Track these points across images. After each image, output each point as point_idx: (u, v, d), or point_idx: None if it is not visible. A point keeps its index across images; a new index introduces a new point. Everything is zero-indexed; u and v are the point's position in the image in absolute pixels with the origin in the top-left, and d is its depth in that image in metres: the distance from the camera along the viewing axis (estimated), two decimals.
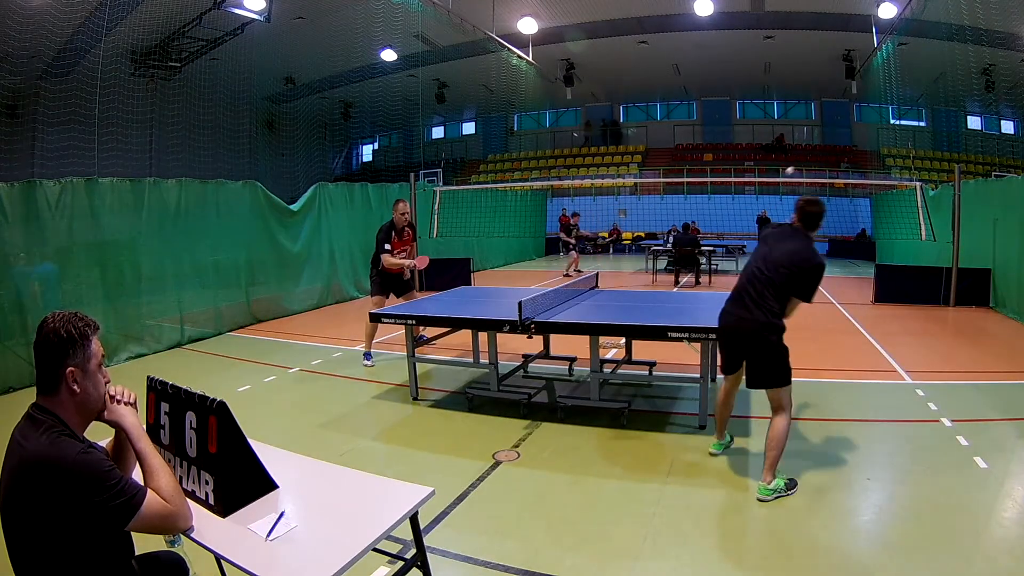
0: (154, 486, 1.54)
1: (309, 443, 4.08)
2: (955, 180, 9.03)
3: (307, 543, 1.58)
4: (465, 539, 2.88)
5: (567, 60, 21.46)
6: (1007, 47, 15.37)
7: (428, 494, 1.81)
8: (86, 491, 1.41)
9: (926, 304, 9.02)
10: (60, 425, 1.48)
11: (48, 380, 1.52)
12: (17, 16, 11.43)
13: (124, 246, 6.70)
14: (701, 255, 12.65)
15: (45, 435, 1.44)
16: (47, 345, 1.51)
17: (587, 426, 4.30)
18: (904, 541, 2.80)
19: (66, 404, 1.52)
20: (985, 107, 20.72)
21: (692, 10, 17.34)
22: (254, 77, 19.02)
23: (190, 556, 1.86)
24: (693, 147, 24.86)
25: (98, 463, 1.46)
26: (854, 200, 20.51)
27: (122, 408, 1.64)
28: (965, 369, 5.69)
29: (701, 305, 5.30)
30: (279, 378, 5.82)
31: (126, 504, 1.45)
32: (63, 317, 1.54)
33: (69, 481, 1.40)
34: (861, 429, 4.19)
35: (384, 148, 30.23)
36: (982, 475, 3.42)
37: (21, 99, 14.23)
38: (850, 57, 19.06)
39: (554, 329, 4.46)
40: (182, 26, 16.38)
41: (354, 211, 10.80)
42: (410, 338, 4.91)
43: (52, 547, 1.42)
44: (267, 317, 8.61)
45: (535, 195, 20.55)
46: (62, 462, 1.41)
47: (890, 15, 15.52)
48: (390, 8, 15.89)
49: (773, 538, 2.87)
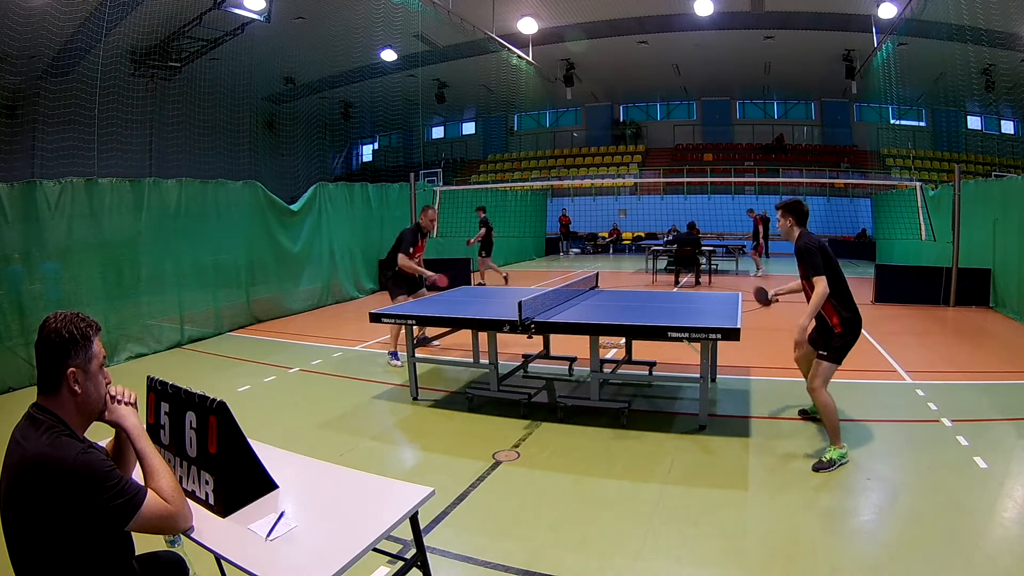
0: (154, 486, 1.54)
1: (309, 443, 4.07)
2: (955, 180, 9.03)
3: (307, 543, 1.58)
4: (465, 539, 2.88)
5: (567, 60, 21.47)
6: (1007, 47, 15.37)
7: (428, 494, 1.81)
8: (86, 491, 1.41)
9: (926, 304, 9.03)
10: (60, 425, 1.48)
11: (49, 380, 1.51)
12: (17, 16, 11.42)
13: (124, 246, 6.70)
14: (701, 255, 12.65)
15: (45, 435, 1.44)
16: (49, 345, 1.50)
17: (587, 426, 4.30)
18: (904, 541, 2.80)
19: (67, 404, 1.52)
20: (985, 107, 20.73)
21: (692, 10, 17.35)
22: (254, 77, 19.03)
23: (190, 556, 1.86)
24: (693, 147, 24.86)
25: (98, 463, 1.45)
26: (854, 200, 20.53)
27: (123, 408, 1.64)
28: (965, 369, 5.69)
29: (701, 305, 5.32)
30: (279, 378, 5.82)
31: (126, 504, 1.45)
32: (65, 317, 1.53)
33: (69, 481, 1.40)
34: (861, 429, 4.18)
35: (384, 148, 30.23)
36: (982, 475, 3.42)
37: (21, 99, 14.21)
38: (850, 57, 19.06)
39: (554, 329, 4.46)
40: (182, 26, 16.38)
41: (354, 211, 10.81)
42: (410, 338, 4.91)
43: (52, 547, 1.41)
44: (267, 317, 8.61)
45: (535, 195, 20.56)
46: (62, 462, 1.40)
47: (890, 15, 15.53)
48: (390, 8, 15.89)
49: (773, 538, 2.87)
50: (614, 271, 15.55)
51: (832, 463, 3.52)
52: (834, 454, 3.56)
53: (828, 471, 3.49)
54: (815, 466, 3.54)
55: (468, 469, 3.64)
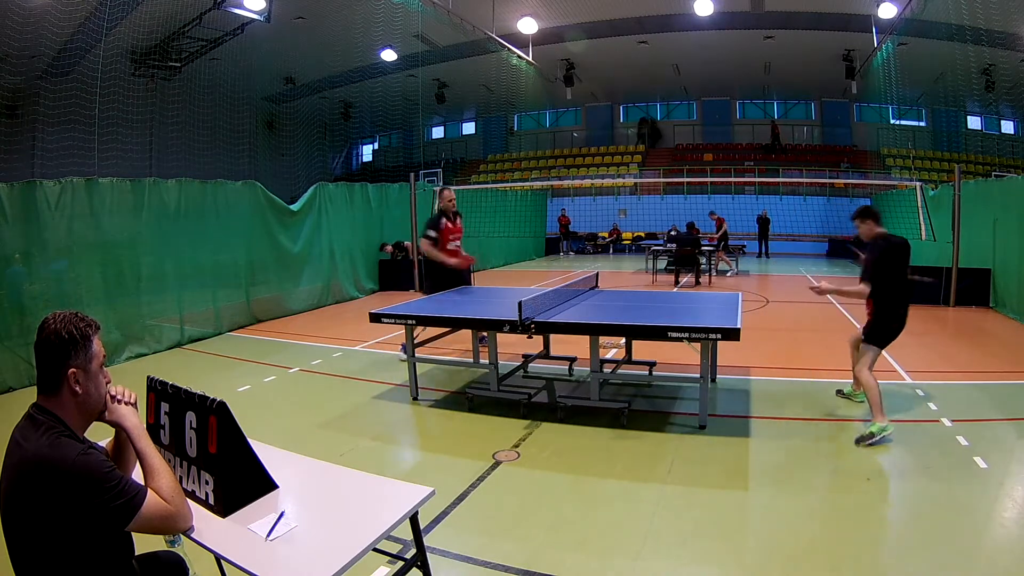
0: (154, 486, 1.54)
1: (309, 443, 4.07)
2: (955, 180, 9.03)
3: (307, 543, 1.58)
4: (465, 539, 2.88)
5: (567, 60, 21.46)
6: (1007, 47, 15.37)
7: (428, 494, 1.81)
8: (86, 492, 1.40)
9: (926, 304, 9.02)
10: (60, 426, 1.48)
11: (49, 380, 1.50)
12: (17, 16, 11.43)
13: (124, 246, 6.71)
14: (701, 255, 12.65)
15: (45, 436, 1.44)
16: (49, 346, 1.50)
17: (587, 426, 4.30)
18: (904, 541, 2.80)
19: (67, 405, 1.51)
20: (985, 107, 20.73)
21: (692, 10, 17.35)
22: (254, 77, 19.04)
23: (190, 556, 1.86)
24: (693, 147, 24.86)
25: (98, 464, 1.45)
26: (854, 200, 20.49)
27: (123, 408, 1.63)
28: (965, 369, 5.69)
29: (701, 305, 5.32)
30: (279, 378, 5.82)
31: (126, 505, 1.45)
32: (64, 317, 1.53)
33: (69, 482, 1.39)
34: (861, 429, 4.18)
35: (384, 148, 30.23)
36: (982, 475, 3.42)
37: (21, 99, 14.22)
38: (850, 57, 19.06)
39: (554, 329, 4.46)
40: (182, 26, 16.38)
41: (354, 211, 10.81)
42: (410, 338, 4.90)
43: (52, 547, 1.41)
44: (267, 317, 8.61)
45: (535, 195, 20.56)
46: (62, 463, 1.40)
47: (890, 15, 15.53)
48: (390, 8, 15.90)
49: (773, 538, 2.87)
50: (614, 271, 15.55)
51: (872, 436, 3.81)
52: (874, 428, 3.84)
53: (869, 444, 3.80)
54: (857, 439, 3.85)
55: (468, 469, 3.64)
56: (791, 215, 19.94)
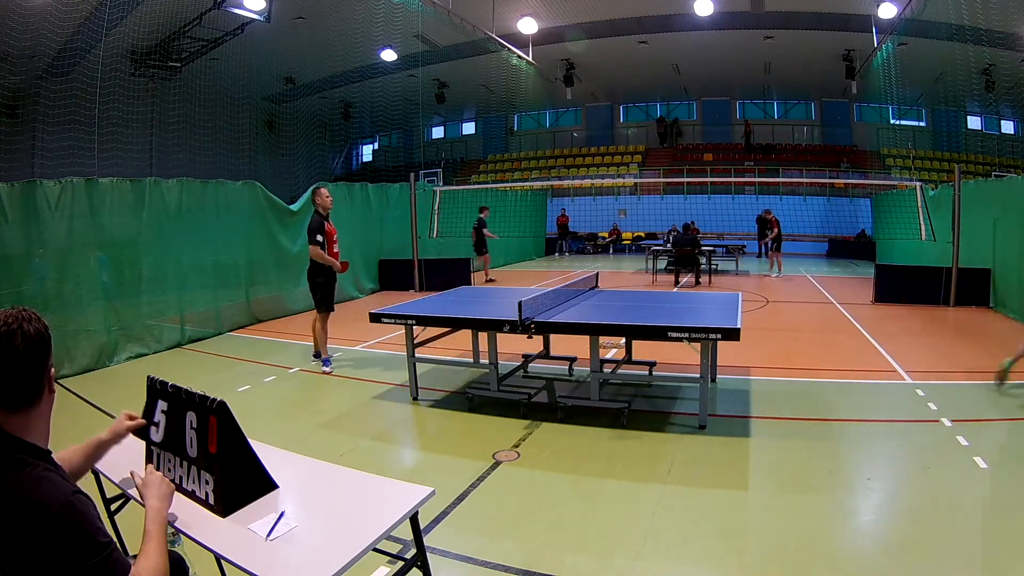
0: (140, 566, 1.34)
1: (309, 443, 4.08)
2: (955, 180, 9.03)
3: (307, 543, 1.58)
4: (465, 539, 2.89)
5: (567, 60, 21.45)
6: (1007, 47, 15.36)
7: (428, 494, 1.81)
8: (66, 547, 1.18)
9: (926, 304, 9.03)
10: (36, 453, 1.29)
11: (29, 389, 1.31)
12: (17, 16, 11.43)
13: (124, 246, 6.71)
14: (701, 255, 12.65)
15: (24, 471, 1.24)
16: (34, 348, 1.31)
17: (587, 426, 4.30)
18: (904, 541, 2.80)
19: (43, 412, 1.35)
20: (985, 107, 20.72)
21: (692, 10, 17.34)
22: (254, 77, 19.02)
23: (190, 556, 1.86)
24: (693, 147, 24.86)
25: (89, 519, 1.24)
26: (854, 200, 20.53)
27: (154, 488, 1.57)
28: (965, 369, 5.68)
29: (701, 305, 5.32)
30: (279, 378, 5.82)
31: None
32: (25, 316, 1.32)
33: (50, 530, 1.18)
34: (861, 429, 4.19)
35: (384, 148, 30.22)
36: (982, 475, 3.42)
37: (21, 99, 14.21)
38: (850, 57, 19.05)
39: (554, 329, 4.46)
40: (182, 26, 16.38)
41: (354, 211, 10.81)
42: (410, 338, 4.90)
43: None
44: (267, 317, 8.61)
45: (535, 195, 20.56)
46: (49, 505, 1.19)
47: (890, 15, 15.53)
48: (390, 8, 15.90)
49: (773, 538, 2.87)
50: (614, 271, 15.55)
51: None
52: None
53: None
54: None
55: (468, 469, 3.64)
56: (791, 215, 19.96)
